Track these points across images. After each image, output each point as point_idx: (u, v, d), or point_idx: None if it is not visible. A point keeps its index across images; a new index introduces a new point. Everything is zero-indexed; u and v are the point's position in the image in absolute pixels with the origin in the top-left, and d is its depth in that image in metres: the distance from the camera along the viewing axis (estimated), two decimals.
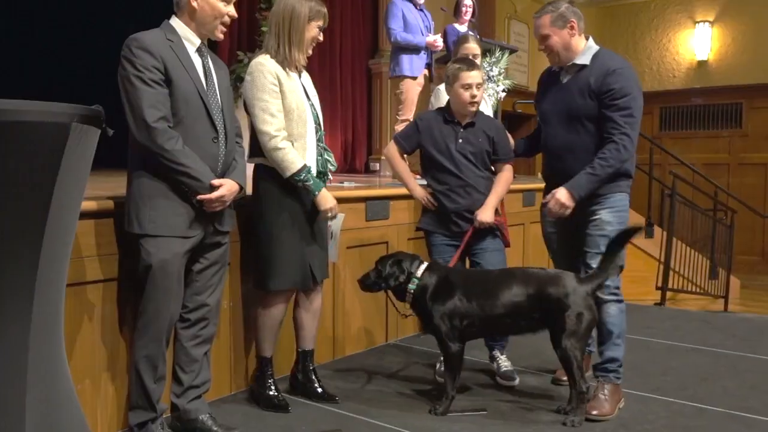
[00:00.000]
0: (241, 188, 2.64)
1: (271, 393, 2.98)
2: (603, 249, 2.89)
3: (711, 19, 9.24)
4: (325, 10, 2.90)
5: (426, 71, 6.19)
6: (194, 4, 2.52)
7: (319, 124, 3.02)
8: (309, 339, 3.13)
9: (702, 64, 9.36)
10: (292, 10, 2.83)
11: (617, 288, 3.00)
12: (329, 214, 2.90)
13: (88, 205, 2.62)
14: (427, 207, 3.23)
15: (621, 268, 2.93)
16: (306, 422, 2.80)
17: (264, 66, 2.81)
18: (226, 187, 2.53)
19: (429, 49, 5.89)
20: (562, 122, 3.04)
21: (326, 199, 2.87)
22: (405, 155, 3.36)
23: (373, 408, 2.96)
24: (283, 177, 2.81)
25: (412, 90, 5.97)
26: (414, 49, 5.88)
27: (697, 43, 9.31)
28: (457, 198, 3.16)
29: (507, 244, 3.30)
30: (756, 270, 8.99)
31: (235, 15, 2.63)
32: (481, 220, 3.12)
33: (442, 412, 2.85)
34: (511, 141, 3.41)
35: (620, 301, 3.01)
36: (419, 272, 2.94)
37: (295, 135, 2.83)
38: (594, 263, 2.92)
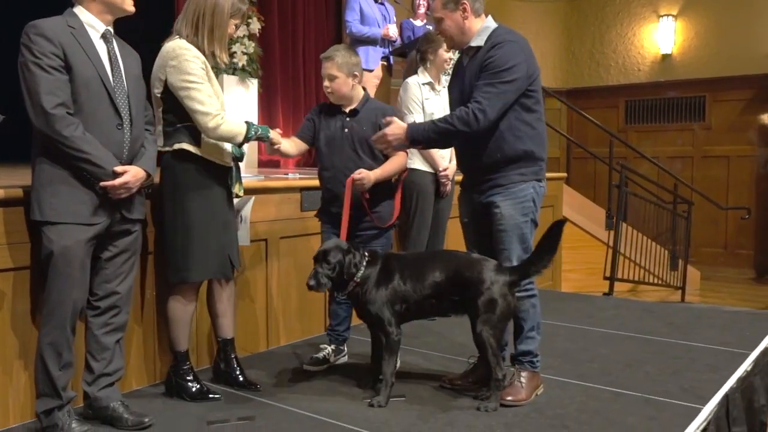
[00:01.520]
0: (149, 175, 2.63)
1: (192, 387, 2.94)
2: (506, 245, 2.88)
3: (675, 13, 9.29)
4: (245, 8, 2.90)
5: (384, 63, 6.22)
6: None
7: None
8: (228, 327, 3.11)
9: (666, 58, 9.40)
10: (214, 3, 2.81)
11: (529, 283, 2.96)
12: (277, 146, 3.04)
13: None
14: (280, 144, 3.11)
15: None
16: (223, 410, 2.80)
17: (190, 51, 2.78)
18: (131, 174, 2.52)
19: (385, 40, 5.90)
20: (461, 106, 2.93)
21: (276, 136, 3.01)
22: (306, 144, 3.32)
23: (293, 395, 2.97)
24: (211, 158, 2.84)
25: (368, 82, 5.96)
26: (370, 42, 5.90)
27: (662, 37, 9.35)
28: (337, 185, 3.15)
29: (386, 228, 3.26)
30: (719, 262, 9.06)
31: None
32: (357, 176, 3.05)
33: (385, 403, 2.82)
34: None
35: (532, 296, 2.99)
36: (364, 261, 2.88)
37: None
38: (501, 259, 2.91)
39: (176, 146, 2.83)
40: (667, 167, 8.22)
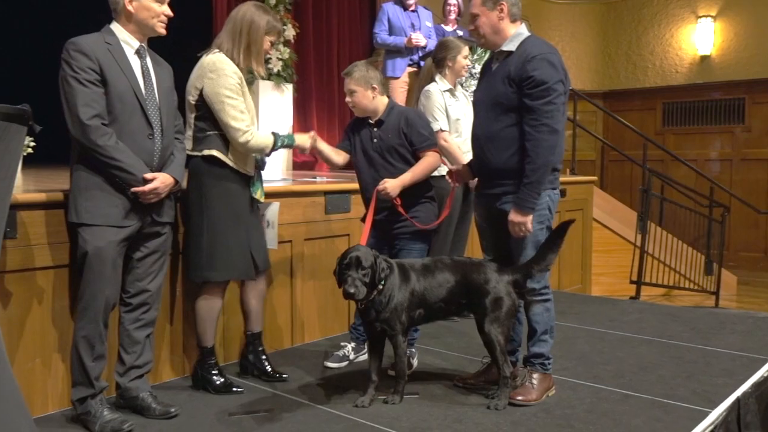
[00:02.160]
0: (177, 181, 2.81)
1: (217, 381, 3.11)
2: (521, 252, 2.97)
3: (713, 13, 9.17)
4: (280, 26, 3.06)
5: (412, 70, 6.32)
6: (129, 8, 2.70)
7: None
8: (257, 322, 3.32)
9: (705, 59, 9.29)
10: (251, 21, 3.01)
11: (544, 288, 3.04)
12: (310, 150, 3.25)
13: (37, 197, 2.83)
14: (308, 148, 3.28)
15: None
16: (244, 403, 2.96)
17: (229, 66, 2.97)
18: (160, 180, 2.70)
19: (409, 47, 5.99)
20: (487, 111, 3.02)
21: (303, 140, 3.22)
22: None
23: (312, 390, 3.11)
24: (234, 166, 3.02)
25: (396, 90, 6.10)
26: (396, 51, 6.03)
27: (700, 38, 9.24)
28: (371, 193, 3.26)
29: (426, 231, 3.33)
30: (758, 266, 8.92)
31: (171, 14, 2.80)
32: (380, 187, 3.18)
33: (399, 400, 2.93)
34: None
35: (546, 300, 3.06)
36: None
37: None
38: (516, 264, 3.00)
39: (206, 152, 3.01)
40: (705, 170, 8.15)
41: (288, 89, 6.60)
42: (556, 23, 10.02)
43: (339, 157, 3.44)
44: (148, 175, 2.68)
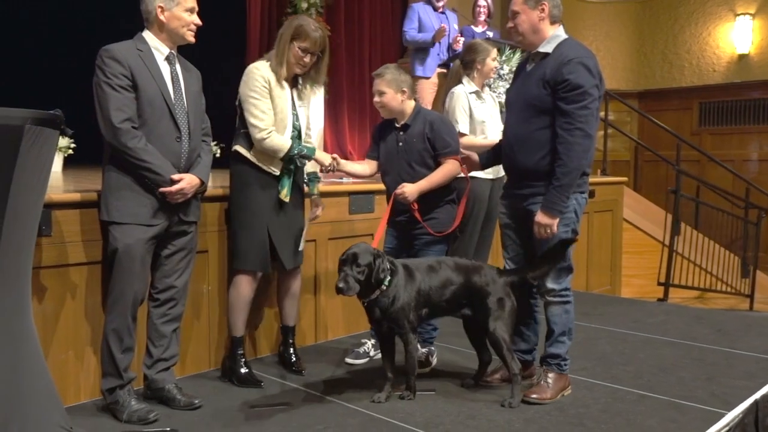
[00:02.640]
0: (203, 182, 2.93)
1: (241, 371, 3.26)
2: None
3: (752, 11, 8.98)
4: (315, 34, 3.13)
5: (442, 71, 6.37)
6: (162, 17, 2.82)
7: (299, 135, 3.29)
8: (288, 317, 3.48)
9: (743, 58, 9.10)
10: (282, 30, 3.19)
11: (564, 290, 3.07)
12: (329, 169, 3.25)
13: (71, 196, 2.98)
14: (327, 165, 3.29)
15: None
16: (265, 396, 3.07)
17: (258, 70, 3.15)
18: (186, 181, 2.83)
19: (436, 40, 6.01)
20: (519, 112, 3.05)
21: (322, 157, 3.26)
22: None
23: (330, 385, 3.21)
24: (260, 165, 3.17)
25: (425, 90, 6.15)
26: (424, 49, 6.07)
27: (738, 37, 9.06)
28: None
29: (442, 233, 3.35)
30: None
31: (200, 23, 2.92)
32: (398, 191, 3.25)
33: (413, 395, 3.00)
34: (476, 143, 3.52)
35: (566, 302, 3.08)
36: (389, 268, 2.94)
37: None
38: (553, 267, 3.04)
39: (234, 148, 3.22)
40: (743, 171, 8.00)
41: (319, 91, 6.71)
42: (591, 23, 9.93)
43: (366, 168, 3.54)
44: (175, 176, 2.80)
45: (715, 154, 8.17)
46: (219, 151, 5.22)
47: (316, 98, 6.68)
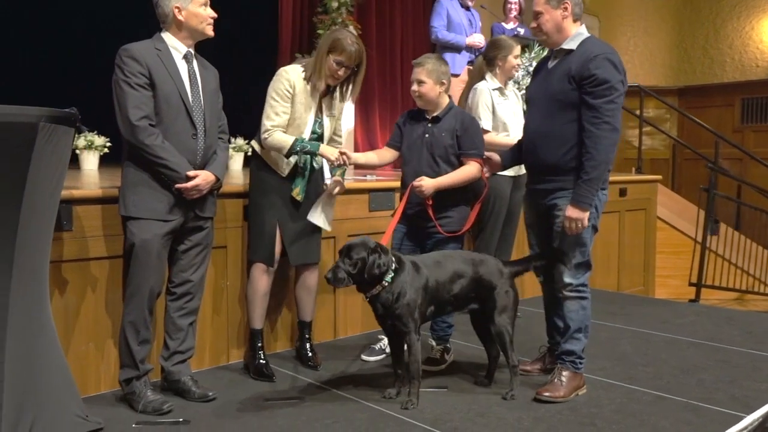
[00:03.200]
0: (218, 179, 2.98)
1: (258, 362, 3.32)
2: (564, 247, 3.01)
3: None
4: (351, 48, 3.18)
5: (469, 68, 6.34)
6: (180, 17, 2.88)
7: (317, 140, 3.33)
8: (305, 312, 3.53)
9: None
10: (321, 41, 3.28)
11: (582, 285, 3.05)
12: (337, 163, 3.20)
13: (92, 192, 3.07)
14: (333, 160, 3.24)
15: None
16: (279, 390, 3.11)
17: (286, 73, 3.24)
18: (201, 178, 2.88)
19: (469, 48, 6.01)
20: (542, 107, 3.06)
21: (328, 152, 3.20)
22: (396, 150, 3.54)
23: (344, 381, 3.23)
24: (270, 164, 3.26)
25: (453, 87, 6.08)
26: (455, 48, 6.05)
27: None
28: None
29: (450, 234, 3.32)
30: None
31: (215, 15, 2.97)
32: (416, 184, 3.23)
33: (417, 402, 2.88)
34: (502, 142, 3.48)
35: (583, 298, 3.06)
36: (392, 264, 2.90)
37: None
38: (565, 260, 3.03)
39: (252, 143, 3.35)
40: None
41: None
42: (628, 19, 9.74)
43: (383, 157, 3.51)
44: (191, 173, 2.86)
45: (758, 152, 7.94)
46: (251, 149, 5.30)
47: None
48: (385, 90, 7.95)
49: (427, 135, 3.36)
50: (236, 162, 5.63)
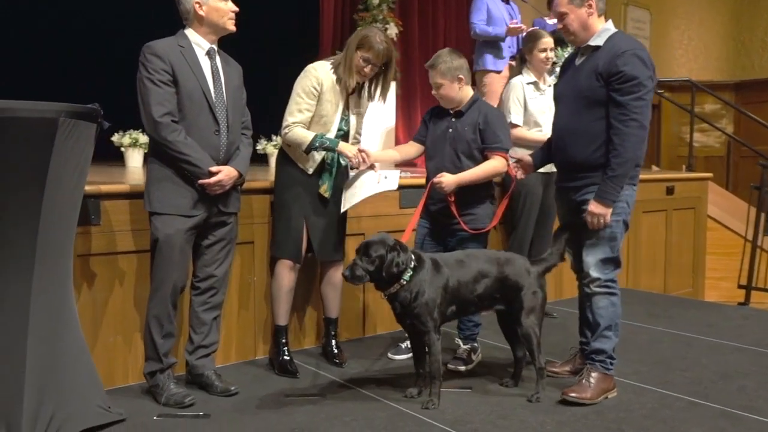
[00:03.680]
0: (240, 174, 2.99)
1: (282, 359, 3.32)
2: (594, 243, 2.93)
3: None
4: (379, 46, 3.16)
5: (512, 63, 6.22)
6: (201, 12, 2.90)
7: (343, 137, 3.31)
8: (331, 309, 3.52)
9: None
10: (350, 38, 3.25)
11: (610, 281, 2.96)
12: (355, 161, 3.17)
13: (120, 187, 3.12)
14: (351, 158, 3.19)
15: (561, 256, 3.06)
16: (301, 387, 3.10)
17: (315, 70, 3.23)
18: (224, 173, 2.89)
19: (510, 35, 5.87)
20: (570, 104, 3.01)
21: (347, 149, 3.18)
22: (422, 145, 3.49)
23: (367, 379, 3.21)
24: (295, 160, 3.24)
25: (495, 83, 6.00)
26: (496, 43, 5.95)
27: None
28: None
29: (475, 232, 3.25)
30: None
31: (236, 9, 2.97)
32: (436, 180, 3.17)
33: (438, 402, 2.83)
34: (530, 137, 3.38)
35: (612, 294, 2.96)
36: (411, 263, 2.84)
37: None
38: (587, 256, 2.95)
39: (278, 139, 3.26)
40: None
41: (390, 88, 6.72)
42: (682, 11, 9.42)
43: (407, 152, 3.48)
44: (214, 168, 2.87)
45: None
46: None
47: (387, 95, 6.74)
48: (427, 87, 7.72)
49: (450, 130, 3.29)
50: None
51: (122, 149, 5.13)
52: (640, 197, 5.52)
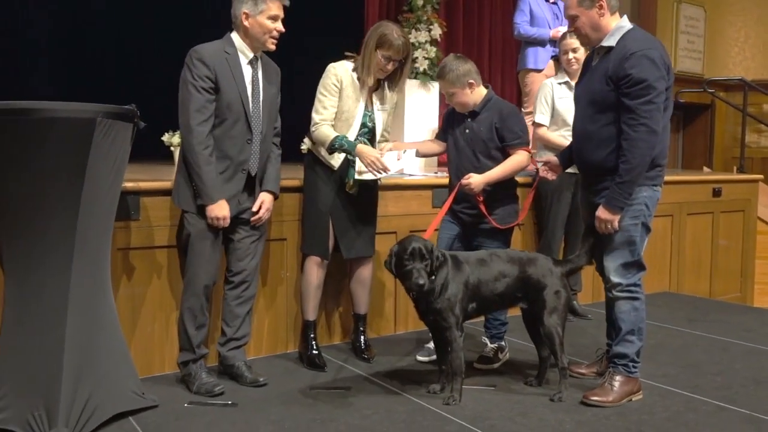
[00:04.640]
0: (275, 195, 3.16)
1: (311, 353, 3.42)
2: (613, 245, 2.91)
3: None
4: (398, 42, 3.19)
5: (553, 63, 6.18)
6: (246, 23, 2.99)
7: (368, 133, 3.38)
8: (360, 305, 3.59)
9: None
10: (368, 36, 3.29)
11: (633, 285, 2.93)
12: (369, 169, 3.19)
13: (159, 184, 3.27)
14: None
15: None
16: (328, 380, 3.19)
17: (335, 69, 3.31)
18: (265, 208, 3.11)
19: (554, 40, 5.86)
20: (584, 107, 2.99)
21: (364, 153, 3.19)
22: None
23: (392, 375, 3.26)
24: (321, 158, 3.32)
25: (537, 83, 5.96)
26: (539, 42, 5.94)
27: None
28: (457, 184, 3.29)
29: (503, 227, 3.28)
30: None
31: (282, 30, 3.03)
32: (464, 181, 3.19)
33: (459, 398, 2.87)
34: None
35: (635, 299, 2.93)
36: None
37: (338, 132, 3.27)
38: (606, 259, 2.94)
39: (306, 139, 3.44)
40: None
41: (434, 87, 6.75)
42: (738, 7, 9.13)
43: (428, 148, 3.56)
44: (255, 207, 3.08)
45: None
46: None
47: (430, 95, 6.77)
48: None
49: (467, 131, 3.33)
50: None
51: (171, 148, 5.32)
52: (684, 199, 5.52)
